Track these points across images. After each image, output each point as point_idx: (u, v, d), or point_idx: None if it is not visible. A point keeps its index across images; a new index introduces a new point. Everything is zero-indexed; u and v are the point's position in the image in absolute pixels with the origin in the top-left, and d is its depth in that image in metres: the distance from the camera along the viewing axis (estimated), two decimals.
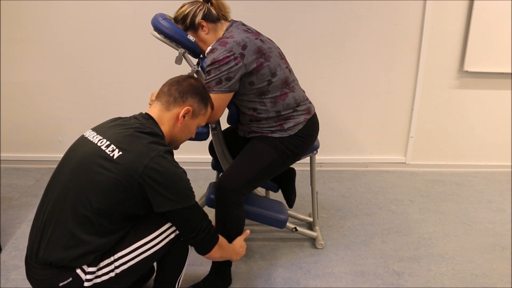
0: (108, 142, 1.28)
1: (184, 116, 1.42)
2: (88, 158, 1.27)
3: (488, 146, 3.20)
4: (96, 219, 1.25)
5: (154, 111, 1.42)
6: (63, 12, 2.72)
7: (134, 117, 1.41)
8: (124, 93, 2.90)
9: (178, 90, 1.41)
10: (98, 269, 1.28)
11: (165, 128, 1.41)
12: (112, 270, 1.29)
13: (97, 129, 1.37)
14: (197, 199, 2.38)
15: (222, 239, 1.48)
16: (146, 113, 1.42)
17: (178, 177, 1.29)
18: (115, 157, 1.25)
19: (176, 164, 1.31)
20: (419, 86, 2.99)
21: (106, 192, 1.24)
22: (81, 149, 1.31)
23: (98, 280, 1.28)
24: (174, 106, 1.41)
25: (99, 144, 1.29)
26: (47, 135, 2.99)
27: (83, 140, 1.34)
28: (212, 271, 1.80)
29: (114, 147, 1.27)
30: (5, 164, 3.01)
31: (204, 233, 1.37)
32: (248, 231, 1.73)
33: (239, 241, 1.67)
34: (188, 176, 1.35)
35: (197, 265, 1.97)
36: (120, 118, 1.43)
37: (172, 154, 1.34)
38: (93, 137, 1.33)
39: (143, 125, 1.35)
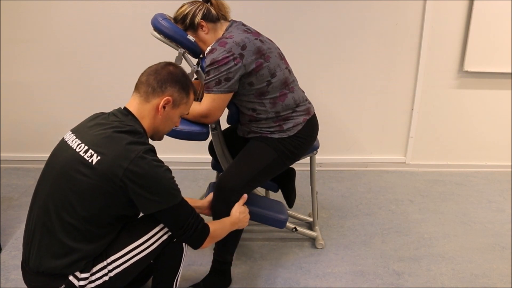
0: (86, 147, 1.24)
1: (164, 107, 1.36)
2: (68, 166, 1.24)
3: (488, 146, 3.20)
4: (83, 225, 1.23)
5: (133, 105, 1.36)
6: (63, 12, 2.72)
7: (113, 113, 1.35)
8: (124, 93, 2.90)
9: (156, 79, 1.34)
10: (91, 274, 1.27)
11: (145, 122, 1.35)
12: (105, 274, 1.28)
13: (77, 131, 1.32)
14: (197, 199, 2.38)
15: (213, 228, 1.43)
16: (125, 108, 1.36)
17: (160, 177, 1.25)
18: (93, 162, 1.22)
19: (157, 162, 1.26)
20: (419, 86, 2.99)
21: (89, 198, 1.22)
22: (61, 155, 1.28)
23: (92, 285, 1.27)
24: (153, 97, 1.34)
25: (77, 149, 1.25)
26: (47, 135, 2.99)
27: (63, 145, 1.31)
28: (212, 271, 1.80)
29: (93, 152, 1.23)
30: (5, 164, 3.01)
31: (192, 230, 1.34)
32: (245, 195, 1.67)
33: (238, 208, 1.62)
34: (188, 176, 1.35)
35: (197, 265, 1.97)
36: (101, 114, 1.37)
37: (154, 152, 1.30)
38: (72, 141, 1.29)
39: (122, 123, 1.30)
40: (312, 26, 2.82)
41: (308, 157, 2.08)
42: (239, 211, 1.62)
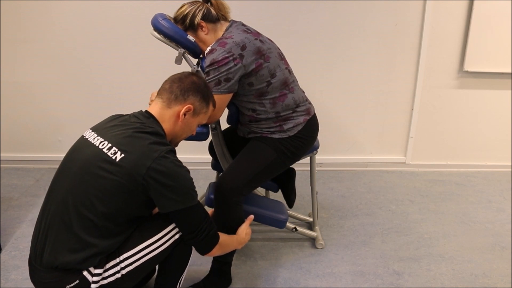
0: (109, 145, 1.27)
1: (185, 114, 1.41)
2: (91, 162, 1.26)
3: (488, 146, 3.20)
4: (101, 222, 1.25)
5: (155, 109, 1.40)
6: (63, 12, 2.72)
7: (134, 115, 1.39)
8: (124, 93, 2.90)
9: (179, 87, 1.40)
10: (105, 271, 1.28)
11: (166, 126, 1.40)
12: (118, 272, 1.29)
13: (97, 130, 1.35)
14: None
15: (223, 238, 1.47)
16: (146, 111, 1.40)
17: (182, 177, 1.29)
18: (117, 159, 1.24)
19: (179, 163, 1.30)
20: (419, 86, 2.99)
21: (110, 195, 1.24)
22: (83, 151, 1.30)
23: (105, 281, 1.28)
24: (175, 104, 1.39)
25: (100, 146, 1.28)
26: (47, 135, 2.99)
27: (84, 141, 1.33)
28: (212, 271, 1.80)
29: (116, 150, 1.26)
30: (5, 164, 3.01)
31: (203, 235, 1.37)
32: (251, 216, 1.72)
33: (245, 229, 1.67)
34: None
35: (197, 265, 1.97)
36: (119, 116, 1.41)
37: (175, 153, 1.34)
38: (94, 138, 1.32)
39: (144, 125, 1.34)
40: (312, 26, 2.82)
41: (308, 157, 2.08)
42: (245, 232, 1.66)
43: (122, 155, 1.25)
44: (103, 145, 1.28)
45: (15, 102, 2.90)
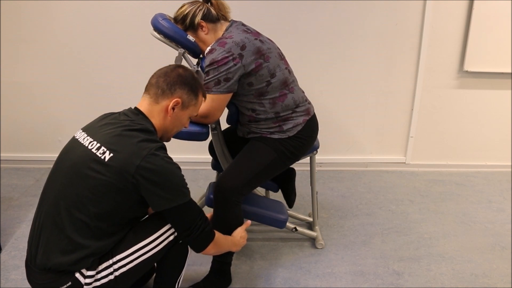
0: (98, 144, 1.26)
1: (173, 108, 1.38)
2: (81, 163, 1.25)
3: (488, 146, 3.20)
4: (93, 222, 1.24)
5: (143, 105, 1.38)
6: (63, 12, 2.72)
7: (124, 113, 1.37)
8: (124, 93, 2.90)
9: (166, 81, 1.37)
10: (97, 273, 1.27)
11: (156, 121, 1.38)
12: (111, 273, 1.29)
13: (88, 130, 1.35)
14: (197, 199, 2.38)
15: (218, 236, 1.46)
16: (136, 108, 1.39)
17: (172, 174, 1.27)
18: (106, 159, 1.23)
19: (169, 160, 1.28)
20: (419, 86, 2.99)
21: (101, 195, 1.23)
22: (73, 152, 1.30)
23: (98, 283, 1.27)
24: (163, 99, 1.37)
25: (90, 147, 1.27)
26: (47, 135, 2.99)
27: (74, 142, 1.32)
28: (212, 271, 1.80)
29: (105, 149, 1.25)
30: (5, 164, 3.01)
31: (198, 231, 1.36)
32: (249, 222, 1.72)
33: (240, 232, 1.66)
34: (188, 176, 1.35)
35: (197, 265, 1.97)
36: (110, 114, 1.40)
37: (165, 150, 1.32)
38: (84, 139, 1.31)
39: (133, 122, 1.32)
40: (312, 26, 2.82)
41: (308, 157, 2.08)
42: (240, 235, 1.65)
43: (111, 154, 1.24)
44: (92, 145, 1.27)
45: (15, 102, 2.90)
